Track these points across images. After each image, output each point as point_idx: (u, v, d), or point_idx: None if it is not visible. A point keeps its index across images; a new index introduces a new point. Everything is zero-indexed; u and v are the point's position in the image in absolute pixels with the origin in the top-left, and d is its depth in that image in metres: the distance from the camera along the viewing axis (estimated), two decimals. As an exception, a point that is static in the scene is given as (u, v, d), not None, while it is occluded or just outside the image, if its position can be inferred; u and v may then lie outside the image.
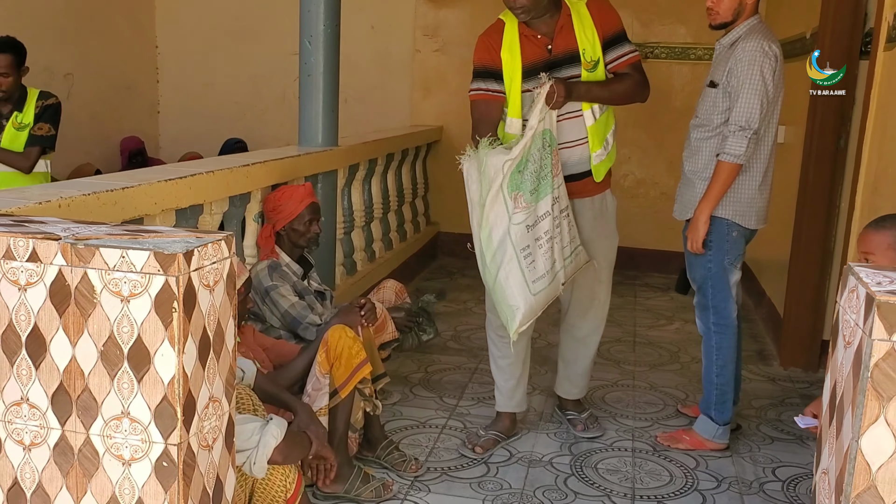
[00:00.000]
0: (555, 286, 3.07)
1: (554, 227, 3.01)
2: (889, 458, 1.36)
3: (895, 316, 1.32)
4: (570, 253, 3.11)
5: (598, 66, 3.05)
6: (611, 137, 3.18)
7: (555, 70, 3.03)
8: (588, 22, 3.04)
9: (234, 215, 3.30)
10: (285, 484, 2.29)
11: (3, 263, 1.71)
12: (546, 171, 2.98)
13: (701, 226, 3.16)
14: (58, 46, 5.81)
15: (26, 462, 1.77)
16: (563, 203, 3.06)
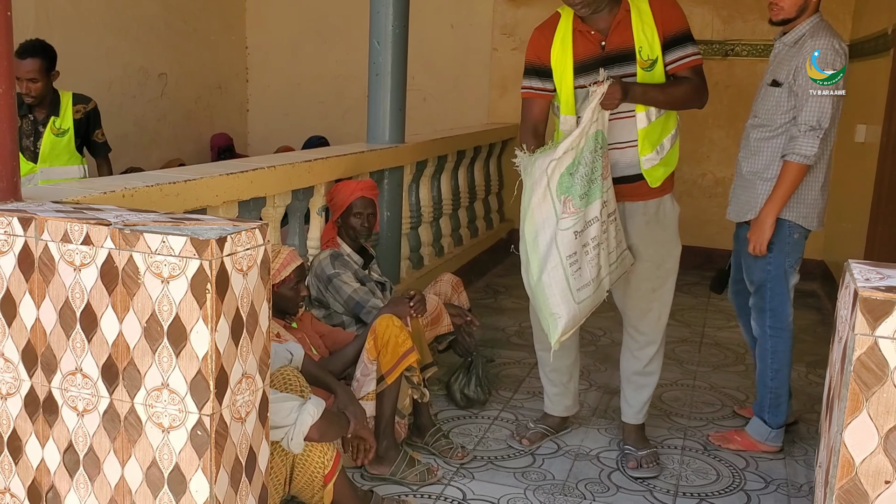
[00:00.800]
0: (599, 294, 2.95)
1: (601, 233, 2.89)
2: (872, 452, 1.37)
3: (879, 310, 1.34)
4: (617, 258, 2.99)
5: (657, 65, 2.91)
6: (668, 142, 3.00)
7: (607, 68, 2.92)
8: (648, 19, 2.90)
9: (298, 208, 3.46)
10: (323, 461, 2.42)
11: (61, 246, 1.90)
12: (597, 174, 2.86)
13: (767, 228, 3.11)
14: (153, 47, 6.16)
15: (80, 427, 1.95)
16: (610, 207, 2.94)
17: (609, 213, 2.93)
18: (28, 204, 2.08)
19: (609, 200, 2.93)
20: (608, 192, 2.92)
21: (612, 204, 2.95)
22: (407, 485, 2.95)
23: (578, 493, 2.96)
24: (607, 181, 2.91)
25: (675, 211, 3.13)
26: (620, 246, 3.01)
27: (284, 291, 2.84)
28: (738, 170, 3.28)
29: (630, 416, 3.26)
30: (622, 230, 3.02)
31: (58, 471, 2.01)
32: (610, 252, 2.95)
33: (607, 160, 2.91)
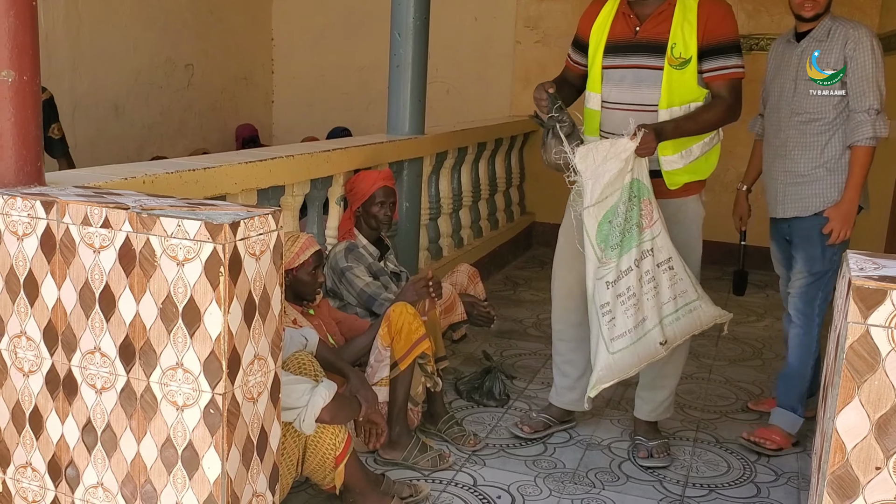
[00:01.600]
0: (647, 345, 2.84)
1: (642, 283, 2.81)
2: (863, 438, 1.40)
3: (871, 299, 1.36)
4: (676, 309, 2.85)
5: (688, 66, 2.83)
6: (697, 148, 2.90)
7: (633, 54, 2.89)
8: (692, 17, 2.82)
9: (317, 198, 3.52)
10: (335, 443, 2.47)
11: (81, 228, 1.96)
12: (632, 223, 2.79)
13: (853, 214, 3.14)
14: (180, 38, 6.25)
15: (98, 404, 2.02)
16: (662, 255, 2.82)
17: (658, 263, 2.82)
18: (51, 188, 2.15)
19: (659, 249, 2.82)
20: (655, 239, 2.82)
21: (664, 252, 2.83)
22: (419, 470, 2.99)
23: (588, 482, 2.99)
24: (652, 229, 2.81)
25: (698, 213, 3.05)
26: (685, 297, 2.86)
27: (303, 276, 2.89)
28: (787, 167, 3.22)
29: (643, 412, 3.23)
30: (687, 281, 2.87)
31: (76, 446, 2.08)
32: (664, 303, 2.83)
33: (651, 206, 2.81)
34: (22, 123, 2.10)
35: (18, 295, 2.08)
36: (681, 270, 2.85)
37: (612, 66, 2.95)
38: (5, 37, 2.02)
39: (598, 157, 2.78)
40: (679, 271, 2.85)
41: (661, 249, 2.82)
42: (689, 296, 2.86)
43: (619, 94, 2.95)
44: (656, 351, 2.85)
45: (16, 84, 2.06)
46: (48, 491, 2.14)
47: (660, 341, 2.83)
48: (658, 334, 2.83)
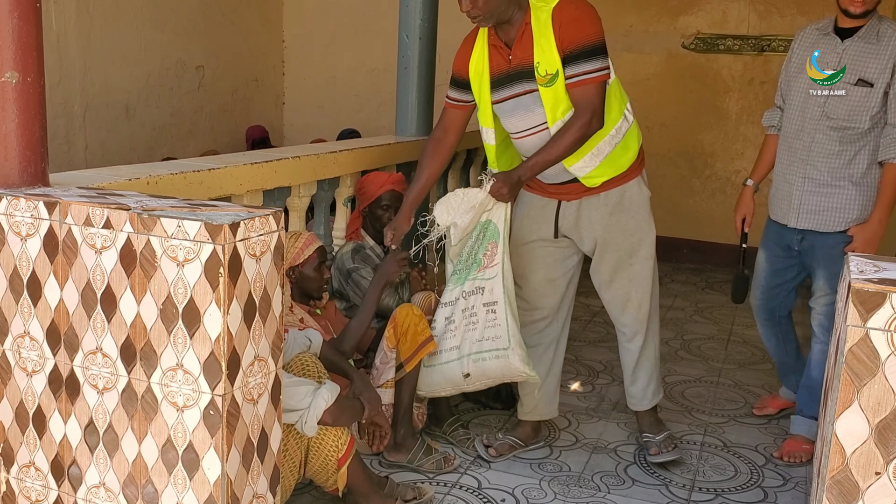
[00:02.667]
0: (453, 371, 2.95)
1: (465, 314, 2.92)
2: (863, 443, 1.38)
3: (871, 302, 1.34)
4: (483, 350, 2.91)
5: (557, 80, 2.73)
6: (605, 145, 2.83)
7: (515, 82, 2.82)
8: (547, 31, 2.71)
9: (324, 198, 3.52)
10: (337, 445, 2.47)
11: (84, 229, 1.97)
12: (472, 258, 2.91)
13: (881, 235, 3.01)
14: (190, 40, 6.27)
15: (100, 404, 2.03)
16: (490, 297, 2.90)
17: (485, 303, 2.91)
18: (55, 189, 2.16)
19: (488, 290, 2.90)
20: (488, 281, 2.90)
21: (492, 295, 2.90)
22: (423, 473, 2.99)
23: (594, 486, 2.97)
24: (488, 271, 2.90)
25: (643, 195, 2.98)
26: (497, 341, 2.89)
27: (308, 272, 2.90)
28: (808, 174, 3.05)
29: (635, 403, 3.24)
30: (505, 327, 2.88)
31: (79, 446, 2.08)
32: (476, 340, 2.92)
33: (495, 250, 2.88)
34: (26, 125, 2.11)
35: (22, 295, 2.09)
36: (502, 317, 2.89)
37: (500, 99, 2.88)
38: (9, 38, 2.03)
39: (451, 210, 2.89)
40: (500, 318, 2.89)
41: (491, 291, 2.90)
42: (501, 342, 2.90)
43: (516, 124, 2.90)
44: (460, 380, 2.96)
45: (20, 85, 2.07)
46: (51, 490, 2.15)
47: (464, 372, 2.94)
48: (464, 365, 2.93)
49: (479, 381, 2.97)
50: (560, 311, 3.15)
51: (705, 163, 6.33)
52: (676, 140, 6.27)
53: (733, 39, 6.12)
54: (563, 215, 3.02)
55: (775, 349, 3.49)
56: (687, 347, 4.52)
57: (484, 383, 3.00)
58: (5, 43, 2.03)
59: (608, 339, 2.80)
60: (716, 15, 6.13)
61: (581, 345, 4.37)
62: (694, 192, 6.32)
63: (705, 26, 6.19)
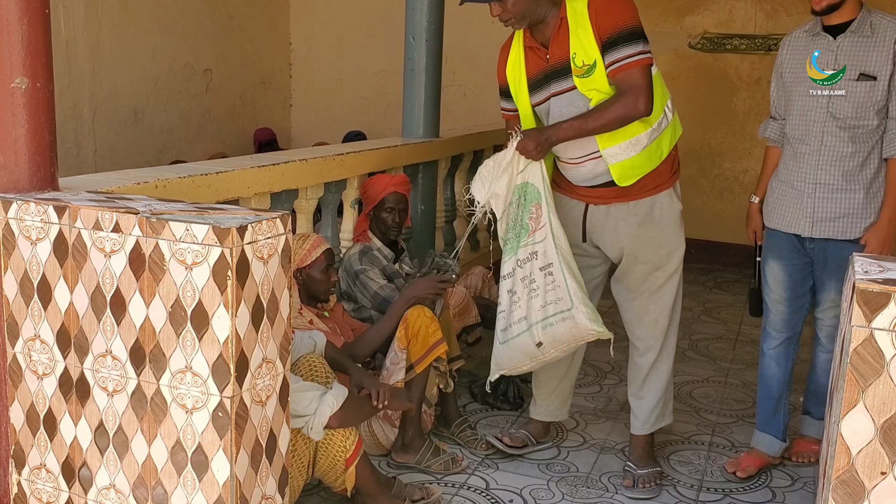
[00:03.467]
0: (525, 342, 2.84)
1: (525, 283, 2.83)
2: (868, 443, 1.38)
3: (875, 302, 1.35)
4: (549, 315, 2.80)
5: (595, 70, 2.67)
6: (645, 137, 2.75)
7: (553, 81, 2.78)
8: (584, 20, 2.67)
9: (331, 201, 3.53)
10: (345, 445, 2.48)
11: (93, 233, 1.98)
12: (519, 227, 2.84)
13: (893, 238, 2.88)
14: (198, 43, 6.30)
15: (109, 406, 2.04)
16: (545, 260, 2.81)
17: (541, 267, 2.82)
18: (64, 193, 2.18)
19: (541, 253, 2.82)
20: (539, 244, 2.82)
21: (547, 257, 2.81)
22: (431, 473, 3.00)
23: (601, 486, 2.98)
24: (539, 233, 2.82)
25: (674, 208, 2.89)
26: (560, 304, 2.78)
27: (315, 274, 2.91)
28: (820, 179, 2.91)
29: (636, 426, 3.09)
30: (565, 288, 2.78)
31: (89, 448, 2.10)
32: (541, 306, 2.81)
33: (540, 211, 2.81)
34: (35, 130, 2.13)
35: (32, 299, 2.11)
36: (560, 278, 2.78)
37: (539, 101, 2.84)
38: (18, 44, 2.05)
39: (486, 182, 2.83)
40: (558, 278, 2.78)
41: (544, 254, 2.81)
42: (564, 304, 2.78)
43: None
44: (535, 351, 2.84)
45: (29, 91, 2.09)
46: (62, 492, 2.17)
47: (536, 342, 2.82)
48: (535, 335, 2.82)
49: (553, 349, 2.83)
50: None
51: (713, 162, 6.33)
52: (684, 140, 6.12)
53: (740, 39, 6.11)
54: (590, 219, 2.93)
55: (779, 378, 3.14)
56: (695, 347, 4.52)
57: (560, 349, 2.85)
58: (15, 49, 2.05)
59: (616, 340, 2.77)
60: (722, 14, 6.13)
61: (589, 345, 4.35)
62: (702, 192, 6.32)
63: (712, 26, 6.18)
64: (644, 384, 3.06)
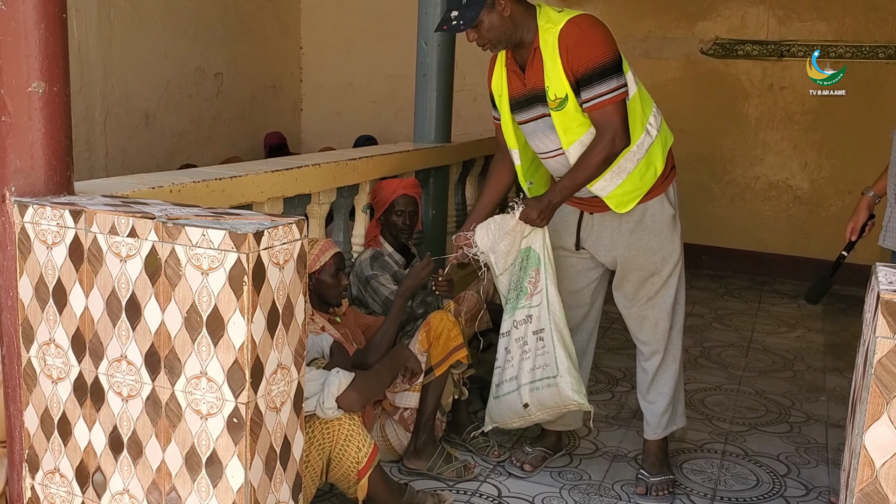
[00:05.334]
0: (514, 401, 2.91)
1: (518, 343, 2.90)
2: (892, 455, 1.37)
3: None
4: (536, 379, 2.86)
5: (567, 103, 2.69)
6: (628, 162, 2.76)
7: (534, 105, 2.80)
8: (554, 55, 2.67)
9: (343, 205, 3.53)
10: (358, 457, 2.47)
11: (108, 238, 1.98)
12: (518, 289, 2.91)
13: None
14: (209, 48, 6.31)
15: (124, 411, 2.04)
16: (538, 325, 2.87)
17: (535, 331, 2.88)
18: (79, 197, 2.17)
19: (535, 318, 2.88)
20: (534, 308, 2.88)
21: (539, 323, 2.87)
22: (443, 480, 2.98)
23: (614, 494, 2.96)
24: (535, 297, 2.88)
25: (665, 213, 2.87)
26: (546, 370, 2.84)
27: (325, 278, 2.89)
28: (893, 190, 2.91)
29: (647, 432, 3.10)
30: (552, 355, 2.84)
31: (103, 453, 2.09)
32: (530, 369, 2.88)
33: (538, 276, 2.87)
34: (52, 134, 2.13)
35: (47, 303, 2.10)
36: (549, 344, 2.85)
37: (523, 120, 2.87)
38: (35, 49, 2.05)
39: (491, 235, 2.89)
40: (548, 345, 2.86)
41: (538, 319, 2.88)
42: (550, 370, 2.84)
43: (538, 145, 2.89)
44: (521, 411, 2.90)
45: (46, 95, 2.09)
46: (76, 497, 2.16)
47: (523, 403, 2.89)
48: (522, 396, 2.89)
49: (539, 412, 2.90)
50: (585, 323, 3.12)
51: (724, 169, 6.31)
52: (695, 146, 6.25)
53: (752, 45, 6.09)
54: (584, 227, 2.97)
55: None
56: (707, 355, 4.50)
57: (545, 413, 2.91)
58: (32, 53, 2.05)
59: (627, 347, 2.76)
60: (734, 20, 6.11)
61: (600, 352, 4.34)
62: (713, 199, 6.30)
63: (724, 31, 6.16)
64: (651, 388, 3.07)
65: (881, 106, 5.55)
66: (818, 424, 3.61)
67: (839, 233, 3.38)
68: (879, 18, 5.75)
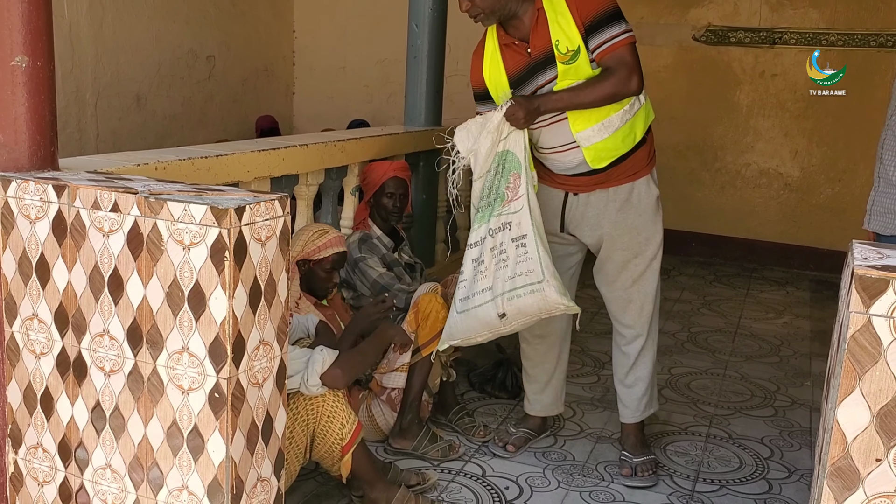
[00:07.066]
0: (487, 313, 2.76)
1: (493, 253, 2.76)
2: (864, 430, 1.38)
3: (874, 289, 1.34)
4: (517, 287, 2.72)
5: (579, 56, 2.68)
6: (617, 118, 2.75)
7: (538, 74, 2.77)
8: (562, 8, 2.68)
9: (331, 187, 3.53)
10: (342, 433, 2.49)
11: (91, 212, 1.98)
12: (495, 194, 2.78)
13: None
14: (202, 30, 6.29)
15: (106, 387, 2.04)
16: (518, 231, 2.74)
17: (514, 238, 2.74)
18: (63, 173, 2.17)
19: (515, 224, 2.75)
20: (514, 214, 2.75)
21: (520, 228, 2.74)
22: (428, 460, 3.00)
23: (597, 475, 2.98)
24: (516, 202, 2.75)
25: (651, 194, 2.90)
26: (530, 276, 2.71)
27: (319, 271, 2.88)
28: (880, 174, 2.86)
29: (627, 415, 3.09)
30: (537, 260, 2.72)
31: (86, 428, 2.10)
32: (509, 277, 2.73)
33: (518, 181, 2.75)
34: (35, 109, 2.12)
35: (31, 278, 2.10)
36: (533, 250, 2.72)
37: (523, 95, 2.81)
38: (18, 22, 2.04)
39: (471, 136, 2.78)
40: (531, 251, 2.72)
41: (518, 225, 2.74)
42: (534, 276, 2.70)
43: (544, 138, 2.84)
44: (496, 322, 2.76)
45: (29, 69, 2.08)
46: (58, 472, 2.17)
47: (499, 313, 2.75)
48: (498, 306, 2.74)
49: (515, 321, 2.77)
50: None
51: (715, 156, 6.32)
52: (686, 133, 6.26)
53: (744, 32, 6.09)
54: (569, 208, 2.95)
55: None
56: (694, 340, 4.52)
57: (521, 322, 2.79)
58: (15, 27, 2.05)
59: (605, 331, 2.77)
60: (727, 7, 6.11)
61: (587, 336, 4.37)
62: (703, 185, 6.31)
63: (716, 18, 6.16)
64: (631, 372, 3.06)
65: (872, 94, 5.56)
66: (803, 409, 3.64)
67: (829, 220, 3.39)
68: (871, 6, 5.75)
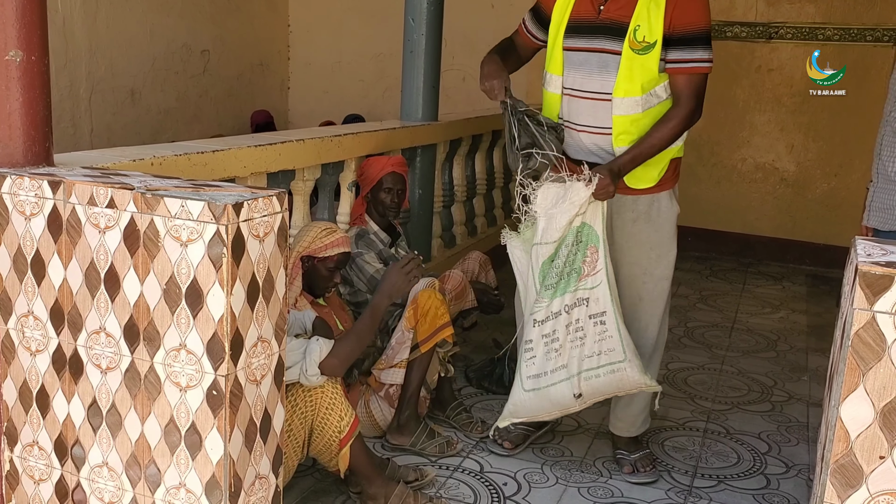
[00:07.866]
0: (561, 392, 2.67)
1: (569, 330, 2.66)
2: (867, 427, 1.37)
3: (878, 285, 1.33)
4: (598, 366, 2.66)
5: (652, 52, 2.60)
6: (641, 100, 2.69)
7: (596, 36, 2.67)
8: (660, 2, 2.60)
9: (328, 183, 3.51)
10: (340, 426, 2.48)
11: (87, 209, 1.96)
12: (571, 268, 2.66)
13: None
14: (196, 24, 6.26)
15: (103, 384, 2.03)
16: (597, 307, 2.66)
17: (592, 314, 2.67)
18: (59, 169, 2.15)
19: (593, 300, 2.66)
20: (593, 290, 2.66)
21: (598, 305, 2.66)
22: (426, 456, 2.99)
23: (595, 471, 2.98)
24: (594, 277, 2.66)
25: (672, 211, 2.81)
26: (611, 355, 2.65)
27: (321, 269, 2.83)
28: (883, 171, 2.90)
29: (622, 429, 3.02)
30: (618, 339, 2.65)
31: (82, 426, 2.09)
32: (587, 356, 2.66)
33: (595, 255, 2.66)
34: (30, 104, 2.10)
35: (26, 274, 2.09)
36: (613, 328, 2.65)
37: (574, 48, 2.72)
38: (13, 17, 2.02)
39: (550, 199, 2.64)
40: (611, 329, 2.65)
41: (597, 301, 2.66)
42: (615, 356, 2.65)
43: (580, 81, 2.73)
44: (570, 402, 2.69)
45: (24, 64, 2.06)
46: (54, 470, 2.16)
47: (575, 393, 2.67)
48: (574, 386, 2.67)
49: (590, 400, 2.71)
50: None
51: (711, 151, 6.31)
52: (683, 128, 6.23)
53: (741, 26, 6.08)
54: None
55: None
56: (690, 335, 4.52)
57: (594, 401, 2.74)
58: (9, 21, 2.02)
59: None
60: (723, 2, 6.10)
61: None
62: (699, 180, 6.30)
63: (713, 13, 6.11)
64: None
65: (868, 89, 5.56)
66: (800, 403, 3.64)
67: (825, 215, 3.40)
68: (867, 1, 5.75)
